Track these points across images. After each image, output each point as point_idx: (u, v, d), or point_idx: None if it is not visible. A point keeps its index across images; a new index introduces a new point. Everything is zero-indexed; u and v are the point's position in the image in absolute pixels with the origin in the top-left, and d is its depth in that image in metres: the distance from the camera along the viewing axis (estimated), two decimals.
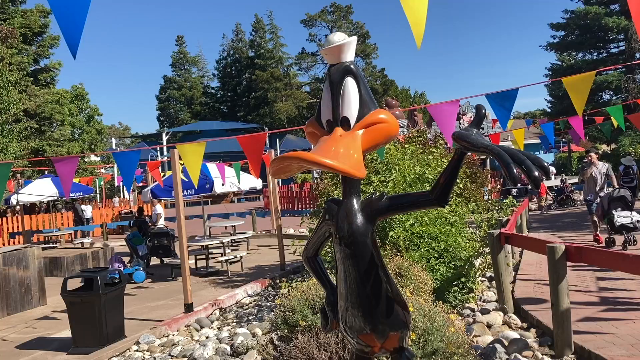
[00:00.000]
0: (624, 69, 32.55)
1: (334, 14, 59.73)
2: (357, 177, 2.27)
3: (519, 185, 20.10)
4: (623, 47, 35.12)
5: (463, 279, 6.90)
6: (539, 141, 22.42)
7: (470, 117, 20.53)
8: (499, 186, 21.05)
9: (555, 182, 22.90)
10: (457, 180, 8.97)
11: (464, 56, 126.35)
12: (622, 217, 9.28)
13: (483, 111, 2.45)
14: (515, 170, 2.04)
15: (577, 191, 22.20)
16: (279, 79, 59.70)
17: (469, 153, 2.38)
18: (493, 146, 2.18)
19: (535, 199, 21.46)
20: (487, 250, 7.03)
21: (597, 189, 10.46)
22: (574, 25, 36.69)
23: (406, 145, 8.85)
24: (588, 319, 5.61)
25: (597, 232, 10.54)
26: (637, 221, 9.19)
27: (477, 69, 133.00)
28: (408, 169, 7.57)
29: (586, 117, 16.24)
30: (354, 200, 2.45)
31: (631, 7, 2.19)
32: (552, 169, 24.18)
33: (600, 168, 10.61)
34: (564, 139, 34.11)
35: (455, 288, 6.78)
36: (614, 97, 34.38)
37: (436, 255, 6.88)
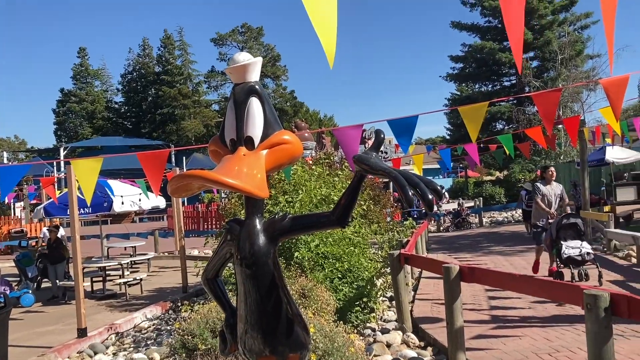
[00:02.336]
0: (515, 101, 35.05)
1: (245, 34, 59.81)
2: (260, 197, 2.27)
3: (415, 207, 20.89)
4: (515, 81, 37.90)
5: (365, 299, 7.04)
6: (438, 166, 23.52)
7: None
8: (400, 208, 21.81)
9: (452, 205, 24.06)
10: (362, 202, 9.23)
11: (373, 83, 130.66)
12: (570, 248, 7.92)
13: (382, 135, 2.54)
14: (410, 193, 2.12)
15: (473, 214, 23.48)
16: (187, 96, 58.59)
17: (369, 176, 2.46)
18: (390, 169, 2.27)
19: (434, 221, 22.41)
20: (389, 270, 7.23)
21: (552, 211, 8.93)
22: (471, 58, 39.13)
23: (313, 167, 8.98)
24: (480, 337, 5.90)
25: (553, 265, 8.81)
26: (587, 253, 7.86)
27: (384, 96, 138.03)
28: (314, 190, 7.68)
29: (482, 145, 17.26)
30: (257, 221, 2.44)
31: (510, 40, 2.37)
32: (446, 194, 25.48)
33: (555, 189, 9.14)
34: (461, 165, 36.03)
35: (357, 308, 6.90)
36: (506, 127, 36.85)
37: (340, 275, 6.98)
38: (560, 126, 11.41)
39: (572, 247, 7.95)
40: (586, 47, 36.29)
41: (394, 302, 7.49)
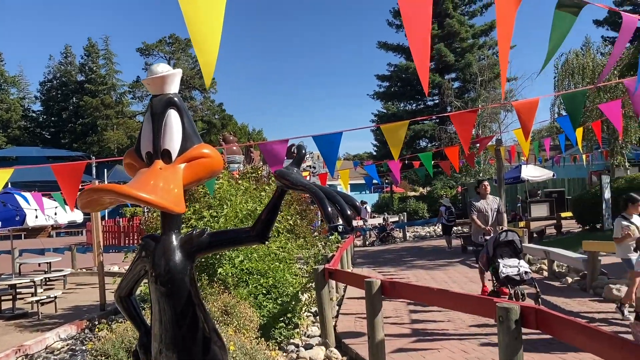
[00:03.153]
0: (437, 120, 36.36)
1: (173, 45, 58.72)
2: (176, 212, 2.22)
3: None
4: (437, 101, 39.37)
5: (289, 315, 7.02)
6: (364, 182, 23.99)
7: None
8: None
9: (378, 220, 24.52)
10: (288, 217, 9.21)
11: (304, 99, 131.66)
12: (508, 266, 7.53)
13: (303, 151, 2.55)
14: (329, 209, 2.14)
15: (398, 229, 24.02)
16: (110, 106, 56.62)
17: (290, 190, 2.46)
18: (311, 185, 2.28)
19: (360, 236, 22.74)
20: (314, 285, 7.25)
21: (489, 227, 8.60)
22: (396, 78, 40.33)
23: (240, 181, 8.89)
24: (400, 350, 6.01)
25: (484, 284, 8.71)
26: (526, 272, 7.50)
27: (314, 111, 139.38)
28: (240, 204, 7.59)
29: (406, 162, 17.72)
30: (173, 237, 2.39)
31: (416, 62, 2.44)
32: (367, 209, 25.99)
33: (491, 203, 8.84)
34: (387, 181, 36.85)
35: (282, 324, 6.86)
36: (429, 145, 38.15)
37: (264, 291, 6.93)
38: (478, 145, 11.96)
39: (510, 266, 7.52)
40: None
41: (318, 317, 7.51)
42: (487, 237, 8.36)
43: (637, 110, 6.12)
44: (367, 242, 22.28)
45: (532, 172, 21.83)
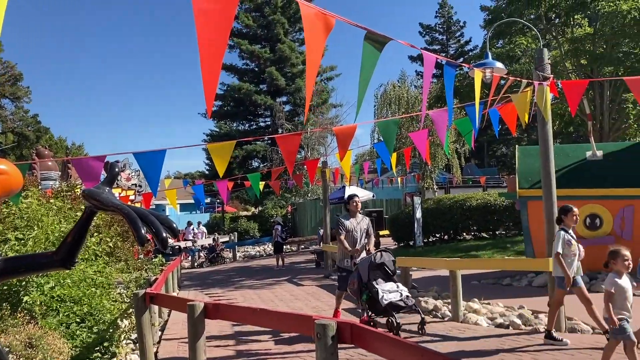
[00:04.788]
0: (269, 141, 37.11)
1: None
2: None
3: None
4: (269, 122, 40.23)
5: (106, 344, 6.55)
6: (195, 201, 23.54)
7: (129, 174, 20.26)
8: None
9: (208, 240, 24.14)
10: (108, 239, 8.66)
11: (136, 113, 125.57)
12: (388, 292, 6.84)
13: (116, 169, 2.42)
14: (143, 231, 2.04)
15: (228, 249, 23.87)
16: None
17: (99, 212, 2.31)
18: (123, 206, 2.16)
19: (188, 257, 22.17)
20: None
21: (358, 248, 7.59)
22: (230, 98, 40.45)
23: (52, 200, 8.17)
24: None
25: (338, 309, 8.01)
26: (407, 297, 6.96)
27: (146, 128, 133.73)
28: (52, 226, 6.96)
29: (238, 182, 17.74)
30: None
31: (204, 84, 2.45)
32: (204, 229, 25.56)
33: (361, 223, 7.80)
34: (218, 200, 36.53)
35: (97, 354, 6.37)
36: (261, 165, 38.71)
37: (78, 320, 6.40)
38: (305, 166, 12.49)
39: (390, 291, 6.86)
40: (331, 96, 40.47)
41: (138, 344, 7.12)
42: (357, 261, 7.37)
43: (442, 140, 6.86)
44: (195, 264, 21.78)
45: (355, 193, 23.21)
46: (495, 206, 17.93)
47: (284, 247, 19.92)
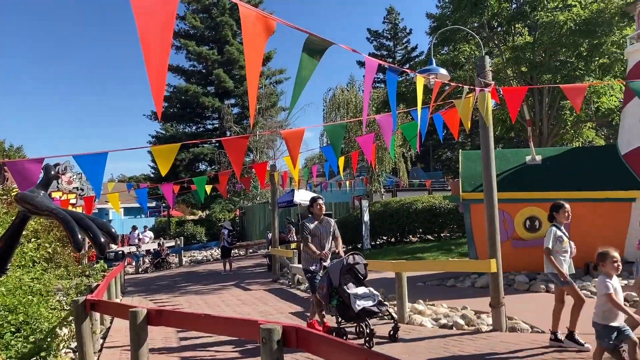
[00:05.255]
0: (217, 144, 36.67)
1: None
2: None
3: (115, 248, 19.94)
4: (217, 125, 39.73)
5: (43, 354, 6.28)
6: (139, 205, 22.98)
7: (70, 176, 19.57)
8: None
9: (153, 245, 23.61)
10: (47, 245, 8.32)
11: (77, 116, 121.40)
12: (361, 298, 6.58)
13: (52, 172, 2.34)
14: (80, 236, 1.97)
15: (174, 254, 23.41)
16: None
17: (34, 216, 2.21)
18: (59, 210, 2.08)
19: (133, 263, 21.62)
20: None
21: (325, 252, 7.30)
22: (176, 99, 39.72)
23: None
24: None
25: (316, 318, 7.56)
26: (380, 302, 6.74)
27: (89, 129, 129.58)
28: None
29: (185, 185, 17.45)
30: None
31: (152, 88, 2.41)
32: (150, 233, 24.99)
33: (326, 225, 7.53)
34: (164, 204, 35.80)
35: None
36: (208, 168, 38.19)
37: (13, 329, 6.12)
38: (253, 169, 12.38)
39: (363, 297, 6.60)
40: (280, 99, 40.40)
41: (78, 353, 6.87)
42: (326, 264, 7.10)
43: (387, 144, 6.96)
44: (140, 269, 21.25)
45: (303, 196, 23.22)
46: (440, 209, 18.33)
47: (232, 251, 19.70)
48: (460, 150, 12.58)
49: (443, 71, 7.75)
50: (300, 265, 13.20)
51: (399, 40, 58.38)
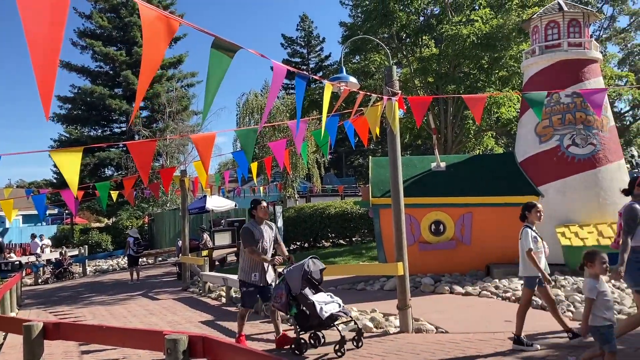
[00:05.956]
0: (125, 148, 35.29)
1: None
2: None
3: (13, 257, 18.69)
4: (125, 128, 38.24)
5: None
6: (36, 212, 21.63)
7: None
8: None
9: (55, 254, 22.33)
10: None
11: None
12: (324, 303, 6.29)
13: None
14: None
15: (77, 263, 22.24)
16: None
17: None
18: None
19: (32, 273, 20.32)
20: None
21: (278, 259, 6.96)
22: (80, 101, 37.82)
23: None
24: None
25: (242, 332, 7.00)
26: (343, 306, 6.52)
27: None
28: None
29: (90, 191, 16.64)
30: None
31: (38, 80, 2.28)
32: (47, 241, 23.62)
33: (269, 230, 7.10)
34: (67, 211, 33.93)
35: None
36: (115, 173, 36.65)
37: None
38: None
39: (327, 303, 6.32)
40: (192, 103, 39.59)
41: None
42: (286, 271, 6.62)
43: (297, 149, 7.01)
44: (39, 280, 19.98)
45: (216, 203, 22.86)
46: (352, 214, 18.70)
47: (140, 260, 18.99)
48: (370, 157, 12.90)
49: (353, 79, 7.92)
50: (212, 273, 12.98)
51: (312, 48, 59.04)
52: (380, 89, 7.58)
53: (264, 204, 7.09)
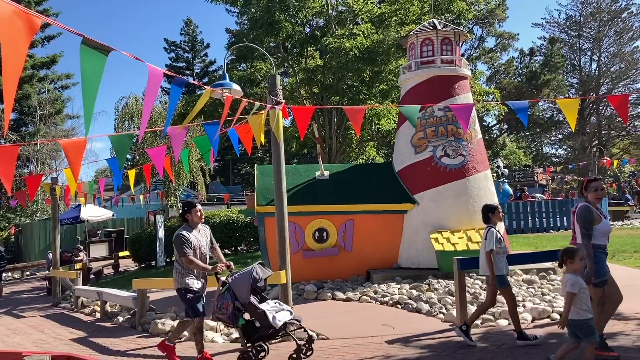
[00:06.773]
0: None
1: None
2: None
3: None
4: None
5: None
6: None
7: None
8: None
9: None
10: None
11: None
12: (274, 311, 6.00)
13: None
14: None
15: None
16: None
17: None
18: None
19: None
20: None
21: (222, 266, 6.49)
22: None
23: None
24: None
25: (203, 352, 6.43)
26: (291, 312, 6.26)
27: None
28: None
29: None
30: None
31: None
32: None
33: (204, 234, 6.67)
34: None
35: None
36: None
37: None
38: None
39: (277, 310, 6.03)
40: (66, 106, 37.18)
41: None
42: (231, 278, 6.16)
43: (176, 157, 6.79)
44: None
45: (91, 212, 21.62)
46: (238, 223, 18.49)
47: (3, 274, 17.41)
48: (256, 165, 12.85)
49: (236, 86, 7.84)
50: (85, 287, 12.20)
51: (197, 53, 57.95)
52: (266, 97, 7.59)
53: (199, 207, 6.57)
